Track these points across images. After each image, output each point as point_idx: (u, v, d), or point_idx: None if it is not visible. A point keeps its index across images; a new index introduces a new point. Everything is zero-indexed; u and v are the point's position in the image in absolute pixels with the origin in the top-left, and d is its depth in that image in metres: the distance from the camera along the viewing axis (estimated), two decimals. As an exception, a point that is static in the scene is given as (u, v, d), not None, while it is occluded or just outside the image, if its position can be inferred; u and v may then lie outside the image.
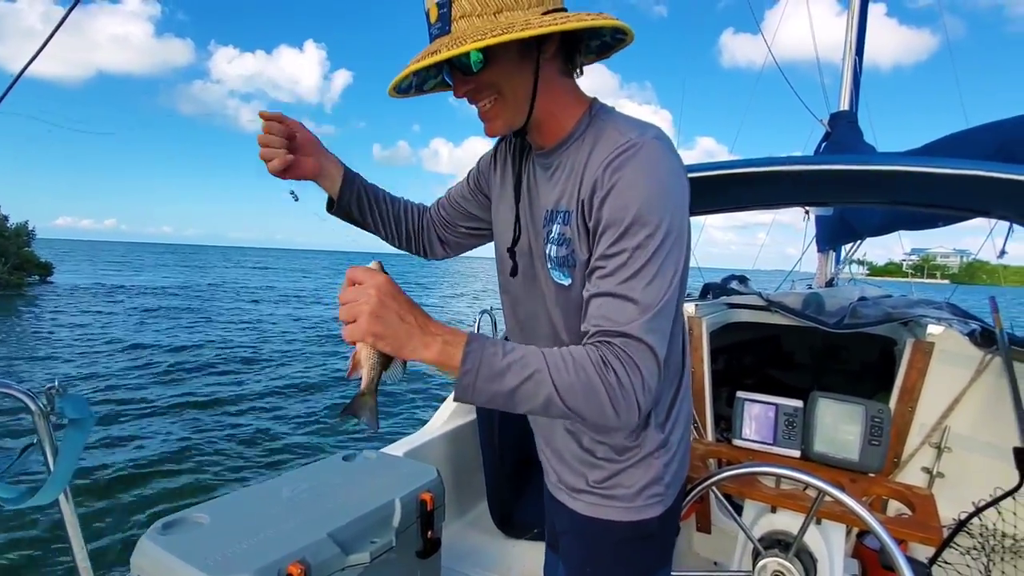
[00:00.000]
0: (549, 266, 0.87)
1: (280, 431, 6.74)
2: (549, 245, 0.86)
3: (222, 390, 8.56)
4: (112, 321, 15.55)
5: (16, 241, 22.69)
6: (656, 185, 0.75)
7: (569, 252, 0.83)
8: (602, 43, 0.88)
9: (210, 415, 7.23)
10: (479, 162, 1.08)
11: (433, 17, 0.77)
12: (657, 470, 0.93)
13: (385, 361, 0.74)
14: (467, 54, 0.74)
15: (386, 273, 0.73)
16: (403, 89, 0.88)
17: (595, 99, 0.88)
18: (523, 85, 0.80)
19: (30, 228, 23.48)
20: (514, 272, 0.97)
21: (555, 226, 0.85)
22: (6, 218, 22.69)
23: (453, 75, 0.82)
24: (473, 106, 0.84)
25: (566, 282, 0.85)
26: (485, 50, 0.75)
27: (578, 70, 0.88)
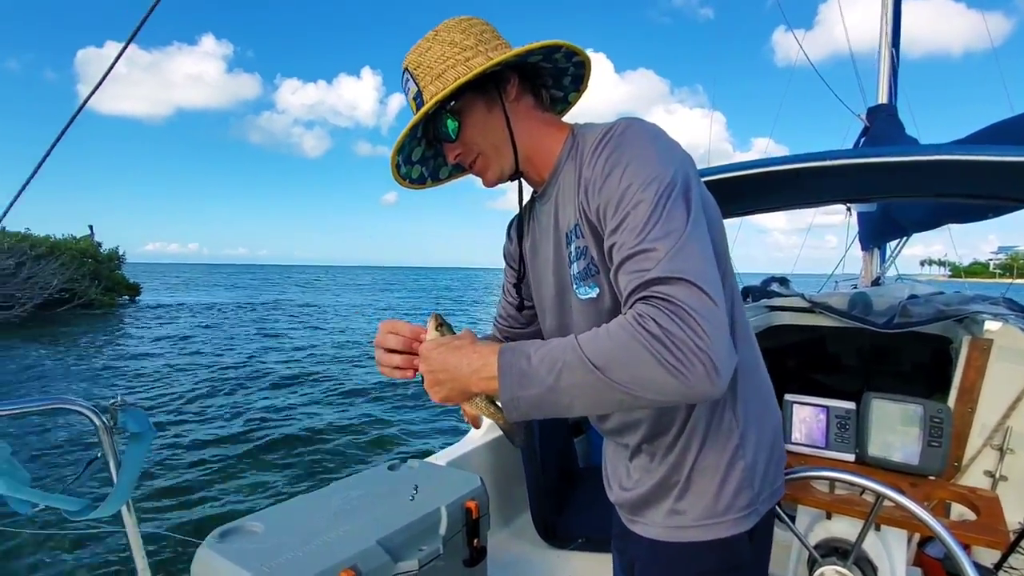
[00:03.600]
0: (575, 286, 0.85)
1: (325, 441, 6.90)
2: (572, 265, 0.85)
3: (276, 402, 8.83)
4: (182, 336, 16.52)
5: (108, 265, 24.93)
6: (644, 149, 0.74)
7: (589, 262, 0.82)
8: (573, 76, 0.92)
9: (265, 426, 7.45)
10: (504, 255, 1.10)
11: (415, 111, 0.85)
12: (742, 473, 0.84)
13: (485, 396, 0.79)
14: (444, 124, 0.84)
15: (439, 324, 0.82)
16: (418, 180, 0.97)
17: (576, 124, 0.90)
18: (499, 132, 0.86)
19: (120, 253, 25.98)
20: (520, 307, 1.05)
21: (572, 245, 0.85)
22: (100, 244, 24.89)
23: (444, 148, 0.89)
24: (468, 168, 0.92)
25: (594, 293, 0.82)
26: (457, 116, 0.84)
27: (552, 103, 0.94)
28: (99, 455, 1.38)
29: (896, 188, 2.20)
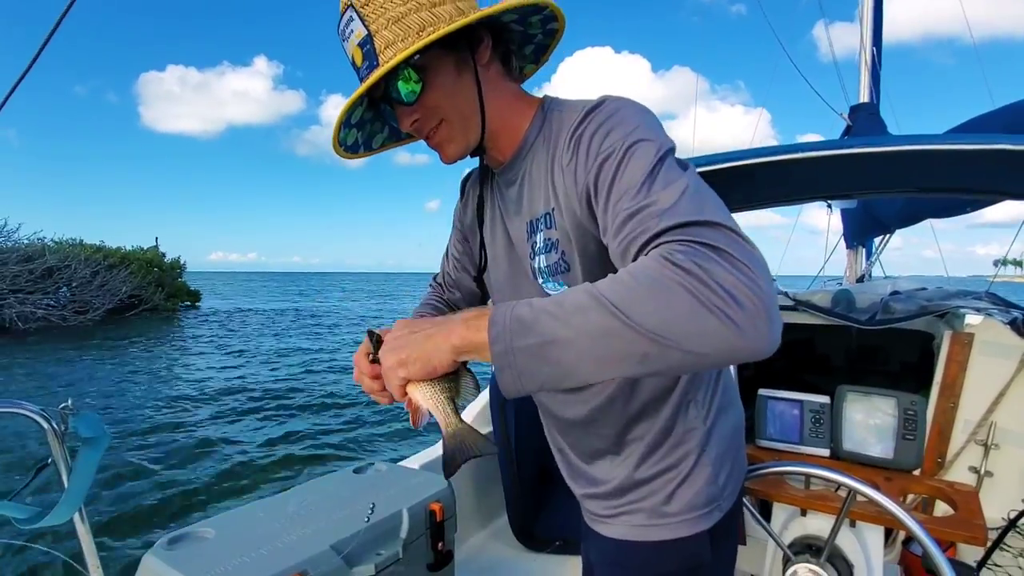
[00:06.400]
0: (541, 280, 0.80)
1: (308, 444, 6.84)
2: (536, 258, 0.79)
3: (258, 405, 8.80)
4: (225, 341, 17.13)
5: (171, 273, 26.42)
6: (632, 118, 0.66)
7: (559, 256, 0.75)
8: (537, 46, 0.83)
9: (240, 429, 7.39)
10: (454, 215, 1.03)
11: (359, 60, 0.72)
12: (706, 469, 0.81)
13: (447, 387, 0.64)
14: (402, 80, 0.70)
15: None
16: (351, 148, 0.82)
17: (546, 96, 0.82)
18: (468, 100, 0.74)
19: (182, 262, 27.78)
20: (483, 300, 0.97)
21: (539, 235, 0.78)
22: (164, 254, 26.51)
23: (396, 111, 0.76)
24: (423, 138, 0.78)
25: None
26: (421, 74, 0.71)
27: (517, 73, 0.83)
28: (49, 460, 1.33)
29: (877, 183, 2.18)
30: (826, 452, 1.46)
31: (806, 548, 1.29)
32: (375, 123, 0.83)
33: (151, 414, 8.00)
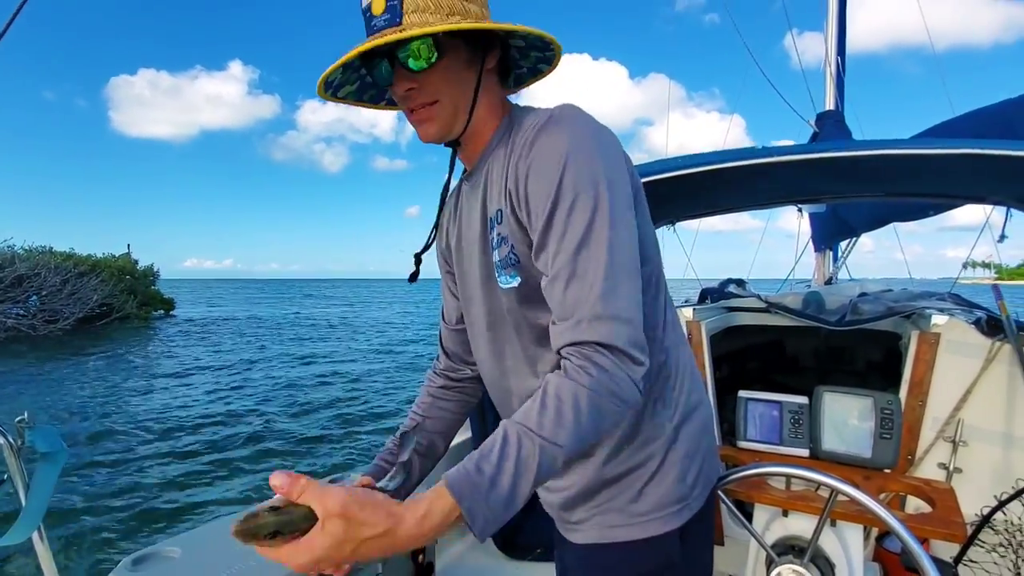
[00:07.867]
0: (498, 274, 0.82)
1: (280, 455, 6.67)
2: (494, 252, 0.82)
3: (229, 416, 8.57)
4: (193, 350, 16.88)
5: (144, 281, 25.58)
6: (577, 141, 0.71)
7: (509, 250, 0.79)
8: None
9: (209, 442, 7.18)
10: (437, 257, 1.03)
11: (378, 8, 0.73)
12: (674, 468, 0.82)
13: None
14: (419, 48, 0.73)
15: (274, 533, 0.56)
16: (338, 86, 0.84)
17: (514, 104, 0.87)
18: (465, 93, 0.79)
19: (155, 269, 26.91)
20: (413, 278, 0.92)
21: (494, 231, 0.81)
22: (136, 261, 25.63)
23: (396, 72, 0.77)
24: (407, 109, 0.80)
25: (515, 283, 0.80)
26: (437, 48, 0.74)
27: (511, 84, 0.90)
28: (5, 477, 1.26)
29: (846, 188, 2.23)
30: (806, 452, 1.48)
31: (789, 548, 1.29)
32: (357, 72, 0.85)
33: (115, 427, 7.74)
